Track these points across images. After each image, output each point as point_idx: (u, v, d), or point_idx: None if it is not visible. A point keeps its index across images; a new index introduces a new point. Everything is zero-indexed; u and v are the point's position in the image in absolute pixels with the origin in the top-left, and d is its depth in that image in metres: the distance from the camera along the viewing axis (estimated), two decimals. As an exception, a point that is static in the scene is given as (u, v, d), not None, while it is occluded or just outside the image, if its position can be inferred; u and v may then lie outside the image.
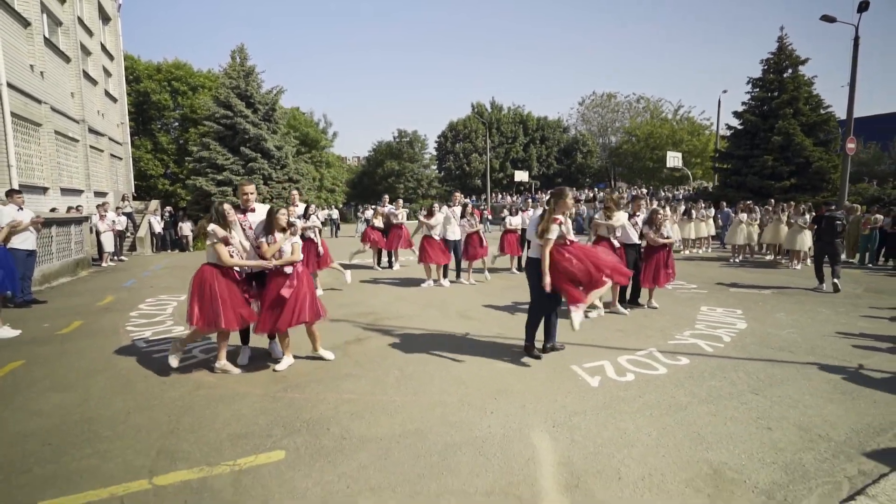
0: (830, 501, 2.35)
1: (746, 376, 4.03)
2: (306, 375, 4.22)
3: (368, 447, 2.94)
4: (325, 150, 33.00)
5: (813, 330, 5.47)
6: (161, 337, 5.50)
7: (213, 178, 18.03)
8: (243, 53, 20.10)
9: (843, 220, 8.06)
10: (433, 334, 5.48)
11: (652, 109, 42.08)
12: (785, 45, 20.10)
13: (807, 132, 19.18)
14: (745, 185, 19.83)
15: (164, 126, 29.80)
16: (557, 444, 2.95)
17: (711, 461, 2.74)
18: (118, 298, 7.92)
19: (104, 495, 2.45)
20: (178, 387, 3.93)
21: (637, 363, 4.38)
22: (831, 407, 3.43)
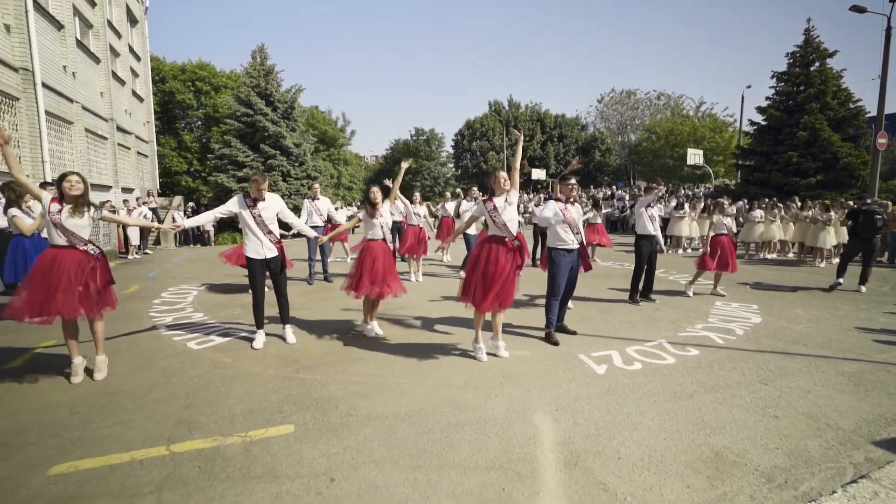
0: (832, 485, 2.33)
1: (756, 367, 4.00)
2: (318, 358, 4.34)
3: (374, 424, 3.03)
4: (343, 148, 33.40)
5: (831, 325, 5.36)
6: (181, 322, 5.70)
7: (233, 174, 18.47)
8: (263, 53, 20.50)
9: (882, 216, 7.47)
10: (444, 322, 5.55)
11: (673, 106, 41.28)
12: (812, 37, 19.49)
13: (834, 127, 18.57)
14: (768, 183, 19.32)
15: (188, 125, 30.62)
16: (559, 425, 2.99)
17: (713, 445, 2.75)
18: (142, 287, 8.22)
19: (125, 459, 2.60)
20: (197, 366, 4.09)
21: (645, 353, 4.37)
22: (843, 398, 3.38)
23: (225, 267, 10.93)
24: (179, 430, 2.91)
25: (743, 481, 2.40)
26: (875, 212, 7.31)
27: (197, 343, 4.77)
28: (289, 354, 4.46)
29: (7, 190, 5.67)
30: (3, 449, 2.70)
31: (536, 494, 2.31)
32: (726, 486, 2.36)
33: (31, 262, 5.55)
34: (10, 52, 9.98)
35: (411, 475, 2.47)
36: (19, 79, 10.19)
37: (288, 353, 4.48)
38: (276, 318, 5.07)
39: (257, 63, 20.28)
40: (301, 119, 21.84)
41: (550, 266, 4.80)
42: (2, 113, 9.78)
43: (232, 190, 18.07)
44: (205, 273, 10.05)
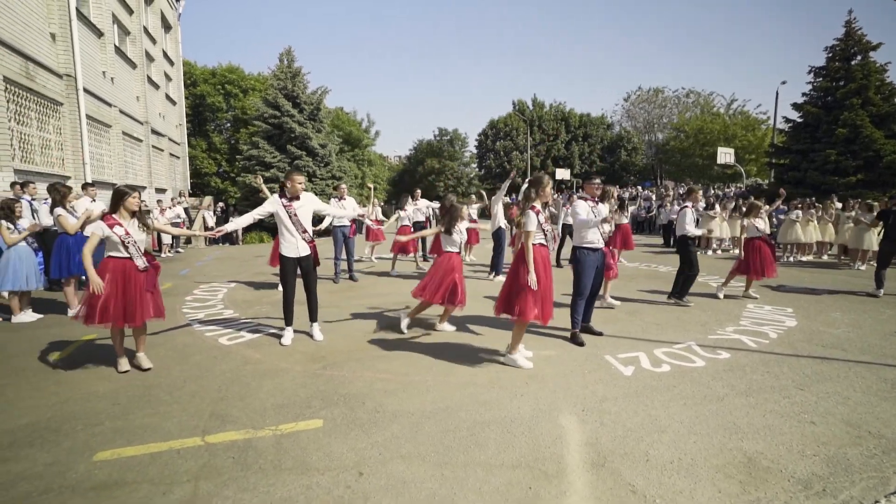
0: (875, 494, 2.25)
1: (791, 371, 3.87)
2: (344, 355, 4.42)
3: (400, 420, 3.07)
4: (368, 149, 33.77)
5: (872, 329, 5.14)
6: (213, 318, 5.88)
7: (261, 174, 18.92)
8: (290, 55, 20.92)
9: None
10: (469, 322, 5.55)
11: (702, 104, 40.21)
12: (853, 29, 18.62)
13: (877, 124, 17.70)
14: (804, 182, 18.58)
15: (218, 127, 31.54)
16: (585, 426, 2.97)
17: (746, 450, 2.68)
18: (175, 285, 8.51)
19: (164, 448, 2.71)
20: (228, 361, 4.22)
21: (673, 355, 4.29)
22: (885, 405, 3.24)
23: (253, 265, 11.24)
24: (213, 422, 3.02)
25: (778, 488, 2.34)
26: None
27: (228, 339, 4.92)
28: (316, 351, 4.55)
29: (52, 191, 5.96)
30: (53, 435, 2.86)
31: (563, 494, 2.30)
32: (760, 491, 2.31)
33: (74, 260, 5.84)
34: (55, 59, 10.49)
35: (438, 471, 2.49)
36: (63, 85, 10.70)
37: (315, 351, 4.57)
38: (305, 315, 5.15)
39: (284, 65, 20.71)
40: (327, 120, 22.20)
41: (576, 265, 4.79)
42: (47, 117, 10.29)
43: (259, 190, 18.53)
44: (233, 271, 10.34)
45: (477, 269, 10.09)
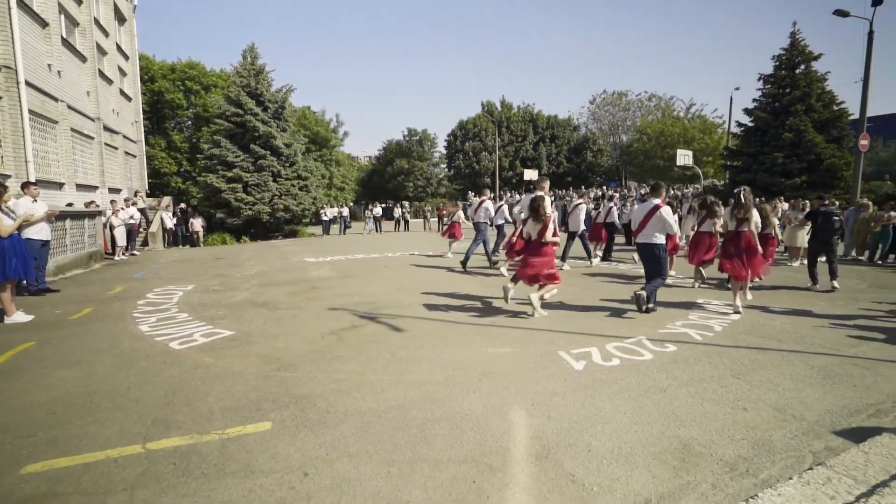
0: (791, 472, 2.41)
1: (730, 362, 4.08)
2: (300, 357, 4.37)
3: (351, 420, 3.07)
4: (336, 149, 33.33)
5: (806, 321, 5.47)
6: (165, 323, 5.69)
7: (223, 174, 18.40)
8: (254, 52, 20.45)
9: (840, 217, 7.48)
10: (427, 322, 5.58)
11: (664, 108, 41.73)
12: (797, 40, 19.79)
13: (819, 129, 18.87)
14: (755, 183, 19.56)
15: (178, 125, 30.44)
16: (533, 419, 3.05)
17: (682, 437, 2.82)
18: (128, 288, 8.19)
19: (100, 457, 2.61)
20: (178, 365, 4.10)
21: (624, 349, 4.44)
22: (810, 390, 3.47)
23: (213, 267, 10.93)
24: (157, 429, 2.93)
25: (707, 471, 2.47)
26: (833, 213, 7.29)
27: (180, 343, 4.78)
28: (271, 353, 4.48)
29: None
30: (-22, 448, 2.71)
31: (506, 486, 2.36)
32: (690, 475, 2.43)
33: (10, 264, 5.54)
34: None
35: (384, 469, 2.51)
36: (1, 77, 10.10)
37: (270, 353, 4.50)
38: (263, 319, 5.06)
39: (248, 62, 20.23)
40: (292, 119, 21.81)
41: (663, 256, 5.84)
42: (-15, 112, 9.69)
43: (222, 190, 18.03)
44: (193, 274, 10.02)
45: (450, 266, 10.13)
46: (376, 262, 11.40)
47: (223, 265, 11.50)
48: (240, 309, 6.44)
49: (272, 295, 7.47)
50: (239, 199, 18.09)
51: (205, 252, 15.29)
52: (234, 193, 18.06)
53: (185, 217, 18.35)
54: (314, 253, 13.84)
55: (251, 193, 18.44)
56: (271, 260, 12.38)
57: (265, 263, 11.60)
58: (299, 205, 19.76)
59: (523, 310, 6.03)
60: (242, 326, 5.48)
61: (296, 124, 24.43)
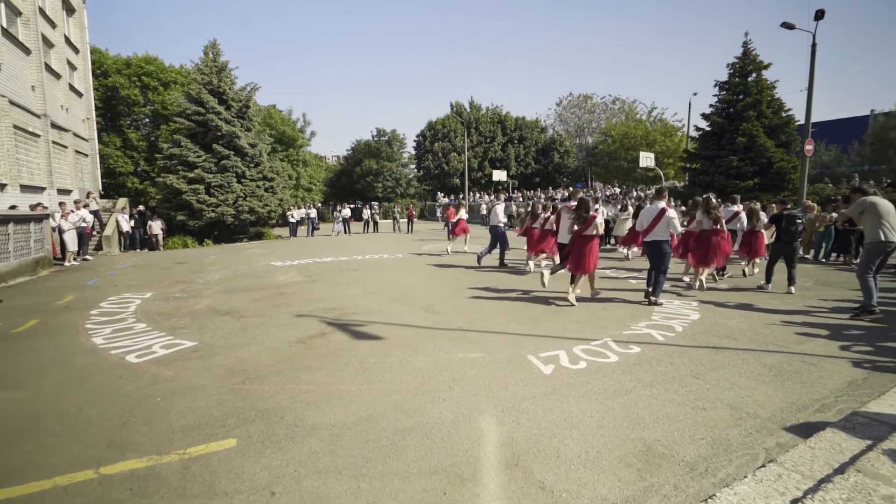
0: (746, 470, 2.53)
1: (690, 362, 4.25)
2: (266, 368, 4.26)
3: (320, 434, 3.01)
4: (303, 149, 32.65)
5: (759, 320, 5.75)
6: (121, 334, 5.43)
7: (184, 175, 17.71)
8: (216, 49, 19.78)
9: (802, 220, 7.77)
10: (397, 328, 5.55)
11: (627, 111, 42.96)
12: (749, 49, 20.81)
13: (769, 134, 19.91)
14: (712, 185, 20.45)
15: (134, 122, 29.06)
16: (503, 427, 3.08)
17: (646, 439, 2.91)
18: (79, 297, 7.76)
19: (48, 486, 2.46)
20: (135, 381, 3.92)
21: (590, 352, 4.55)
22: (763, 388, 3.65)
23: (174, 272, 10.50)
24: (111, 452, 2.79)
25: (669, 472, 2.56)
26: (796, 216, 7.58)
27: (137, 356, 4.57)
28: (236, 365, 4.35)
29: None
30: None
31: (477, 496, 2.38)
32: (654, 477, 2.51)
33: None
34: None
35: (354, 484, 2.47)
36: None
37: (235, 364, 4.37)
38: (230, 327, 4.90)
39: (209, 59, 19.56)
40: (257, 118, 21.24)
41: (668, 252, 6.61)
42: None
43: (182, 192, 17.35)
44: (151, 280, 9.59)
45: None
46: (344, 266, 11.25)
47: (184, 270, 11.07)
48: (202, 317, 6.22)
49: (237, 302, 7.25)
50: (201, 200, 17.46)
51: (164, 256, 14.67)
52: (195, 195, 17.41)
53: (144, 219, 17.55)
54: (281, 256, 13.52)
55: (214, 195, 17.82)
56: (236, 264, 12.00)
57: (229, 268, 11.24)
58: (265, 206, 19.26)
59: (490, 315, 6.08)
60: (205, 336, 5.29)
61: (261, 124, 23.78)
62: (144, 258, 14.21)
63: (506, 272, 9.80)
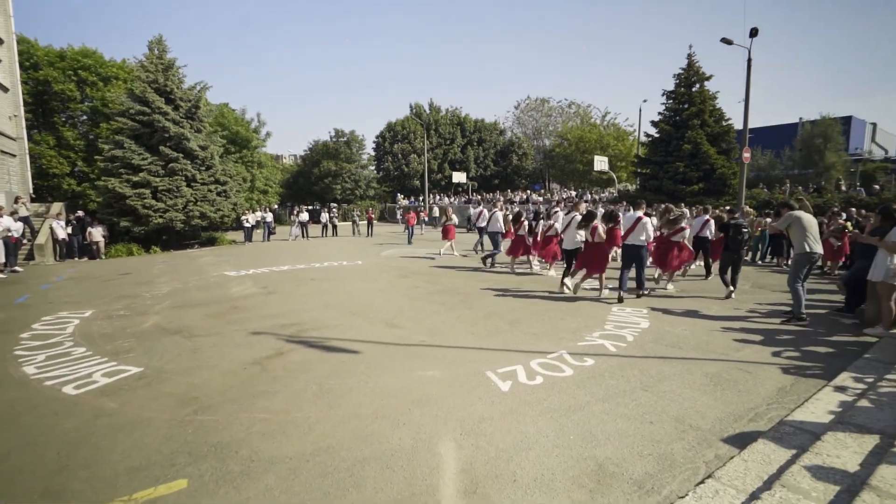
0: (688, 486, 2.70)
1: (640, 374, 4.46)
2: (220, 395, 4.12)
3: (277, 468, 2.95)
4: (258, 150, 31.57)
5: (702, 327, 6.12)
6: (57, 361, 5.07)
7: (127, 179, 16.71)
8: (162, 46, 18.80)
9: (748, 229, 8.12)
10: (356, 345, 5.50)
11: (582, 115, 44.37)
12: (693, 62, 22.05)
13: (711, 142, 21.19)
14: (661, 189, 21.53)
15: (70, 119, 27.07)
16: (462, 451, 3.13)
17: (598, 457, 3.04)
18: (6, 318, 7.18)
19: (-25, 546, 2.29)
20: (74, 417, 3.68)
21: (547, 366, 4.69)
22: (704, 398, 3.90)
23: (118, 286, 9.89)
24: (46, 503, 2.62)
25: (619, 491, 2.69)
26: (742, 225, 7.96)
27: (76, 387, 4.29)
28: (187, 392, 4.17)
29: None
30: None
31: (436, 529, 2.41)
32: (605, 497, 2.64)
33: None
34: None
35: (312, 523, 2.45)
36: None
37: (186, 392, 4.19)
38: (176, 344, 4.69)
39: (154, 56, 18.55)
40: (208, 119, 20.36)
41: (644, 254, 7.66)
42: None
43: (126, 196, 16.37)
44: (92, 295, 9.00)
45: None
46: (302, 275, 11.00)
47: (129, 283, 10.47)
48: (150, 338, 5.91)
49: (188, 319, 6.94)
50: (147, 205, 16.53)
51: (107, 266, 13.80)
52: (141, 200, 16.47)
53: (83, 225, 16.43)
54: (235, 265, 13.04)
55: (162, 200, 16.93)
56: (186, 275, 11.46)
57: (179, 279, 10.72)
58: (217, 211, 18.49)
59: (452, 331, 6.14)
60: (153, 361, 5.04)
61: (213, 124, 22.80)
62: (83, 269, 13.31)
63: (465, 276, 9.90)
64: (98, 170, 18.80)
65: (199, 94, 19.44)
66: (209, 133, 20.08)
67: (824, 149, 30.62)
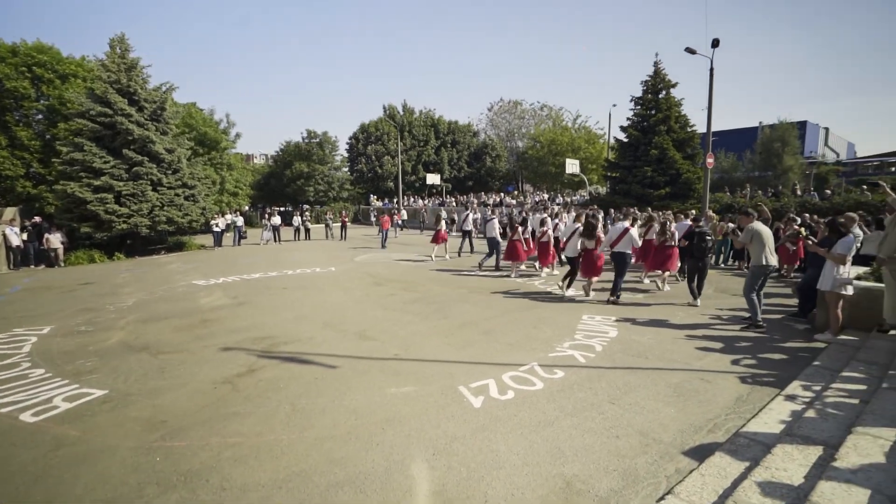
0: (649, 502, 2.83)
1: (608, 386, 4.62)
2: (189, 417, 4.05)
3: (249, 496, 2.94)
4: (227, 152, 30.76)
5: (667, 335, 6.35)
6: (12, 385, 4.86)
7: (88, 183, 16.04)
8: (124, 44, 18.12)
9: (712, 237, 8.33)
10: (330, 360, 5.47)
11: (554, 117, 45.11)
12: (659, 69, 22.75)
13: (677, 147, 21.91)
14: (630, 193, 22.13)
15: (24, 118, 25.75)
16: (434, 472, 3.19)
17: (566, 475, 3.15)
18: (-41, 335, 6.82)
19: None
20: (32, 447, 3.56)
21: (518, 379, 4.79)
22: (667, 410, 4.07)
23: (80, 297, 9.50)
24: (7, 543, 2.54)
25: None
26: (705, 234, 8.16)
27: (34, 414, 4.13)
28: (154, 416, 4.09)
29: None
30: None
31: (408, 555, 2.46)
32: (572, 516, 2.74)
33: None
34: None
35: (285, 555, 2.46)
36: None
37: (153, 415, 4.10)
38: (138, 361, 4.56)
39: (116, 55, 17.85)
40: (174, 121, 19.72)
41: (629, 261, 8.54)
42: None
43: (87, 201, 15.71)
44: (51, 308, 8.63)
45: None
46: (274, 284, 10.82)
47: (91, 294, 10.08)
48: (114, 357, 5.74)
49: (154, 334, 6.76)
50: (110, 210, 15.91)
51: (66, 275, 13.22)
52: (103, 205, 15.83)
53: (39, 231, 15.67)
54: (204, 273, 12.71)
55: (126, 205, 16.33)
56: (153, 284, 11.11)
57: (145, 289, 10.39)
58: (185, 216, 17.95)
59: (424, 346, 6.19)
60: (118, 382, 4.90)
61: (180, 125, 22.12)
62: (41, 278, 12.72)
63: (441, 282, 9.95)
64: (56, 172, 17.97)
65: (165, 95, 18.84)
66: (176, 135, 19.49)
67: (782, 152, 32.14)
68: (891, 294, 5.34)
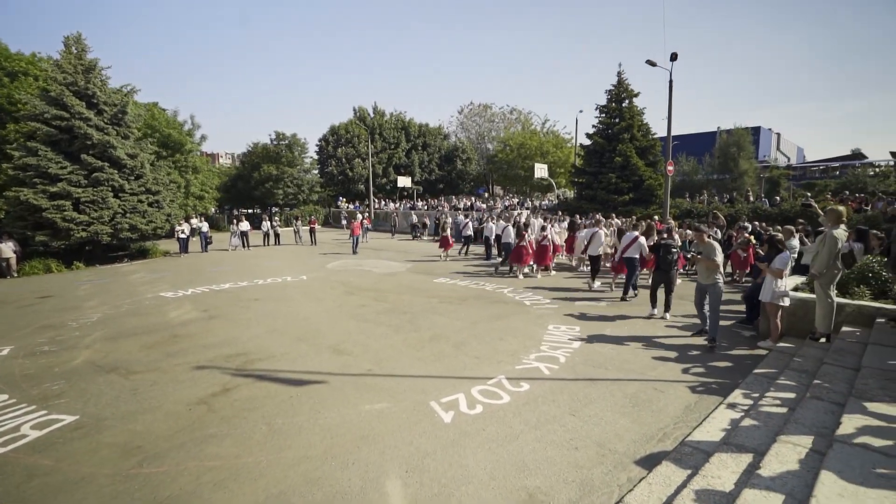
0: (603, 511, 3.14)
1: (570, 398, 4.94)
2: (166, 440, 4.12)
3: (229, 522, 3.07)
4: (192, 154, 29.95)
5: (627, 345, 6.74)
6: (-22, 411, 4.77)
7: (44, 189, 15.40)
8: (81, 44, 17.45)
9: (677, 249, 8.43)
10: (305, 375, 5.59)
11: (523, 121, 45.98)
12: (623, 79, 23.67)
13: (640, 154, 22.89)
14: (595, 199, 22.93)
15: (-30, 118, 24.32)
16: (408, 489, 3.40)
17: (529, 487, 3.42)
18: (-89, 358, 6.54)
19: None
20: (2, 480, 3.56)
21: (486, 393, 5.05)
22: (623, 421, 4.42)
23: (40, 312, 9.20)
24: (-11, 580, 2.60)
25: (545, 519, 3.08)
26: (671, 245, 8.27)
27: (1, 444, 4.10)
28: (129, 441, 4.13)
29: None
30: None
31: (384, 571, 2.66)
32: (533, 526, 3.01)
33: None
34: None
35: (267, 578, 2.62)
36: None
37: (128, 440, 4.14)
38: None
39: (72, 55, 17.18)
40: (136, 124, 19.13)
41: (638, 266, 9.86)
42: None
43: (42, 208, 15.08)
44: (8, 325, 8.34)
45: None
46: (245, 295, 10.76)
47: (52, 309, 9.77)
48: (82, 378, 5.68)
49: (123, 352, 6.68)
50: (68, 218, 15.32)
51: (21, 287, 12.69)
52: (60, 212, 15.24)
53: (-11, 240, 14.92)
54: (171, 283, 12.46)
55: (85, 212, 15.76)
56: (117, 297, 10.84)
57: (110, 303, 10.13)
58: (150, 223, 17.47)
59: (397, 350, 6.38)
60: (89, 406, 4.88)
61: (142, 127, 21.44)
62: (-6, 290, 12.15)
63: (411, 291, 10.14)
64: (6, 177, 17.12)
65: (126, 98, 18.29)
66: (138, 139, 18.91)
67: (738, 156, 33.90)
68: (821, 305, 5.91)
